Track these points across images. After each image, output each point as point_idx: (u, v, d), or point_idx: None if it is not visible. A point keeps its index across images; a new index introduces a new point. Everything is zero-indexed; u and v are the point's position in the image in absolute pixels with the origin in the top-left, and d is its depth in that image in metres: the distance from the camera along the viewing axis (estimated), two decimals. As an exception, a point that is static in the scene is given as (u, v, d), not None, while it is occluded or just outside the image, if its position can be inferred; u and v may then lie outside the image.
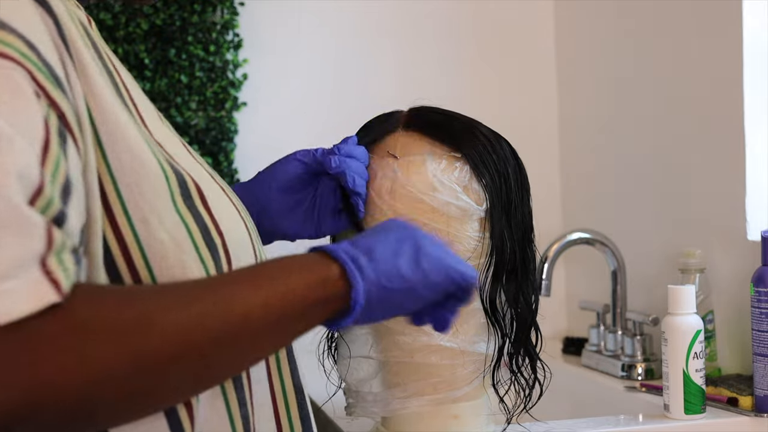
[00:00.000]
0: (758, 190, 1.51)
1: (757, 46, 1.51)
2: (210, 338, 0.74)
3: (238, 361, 0.80)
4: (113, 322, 0.71)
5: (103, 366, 0.70)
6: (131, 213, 0.80)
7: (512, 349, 1.17)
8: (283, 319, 0.78)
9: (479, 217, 1.14)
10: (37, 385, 0.68)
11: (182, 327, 0.73)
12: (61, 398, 0.69)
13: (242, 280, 0.79)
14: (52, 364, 0.68)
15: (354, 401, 1.20)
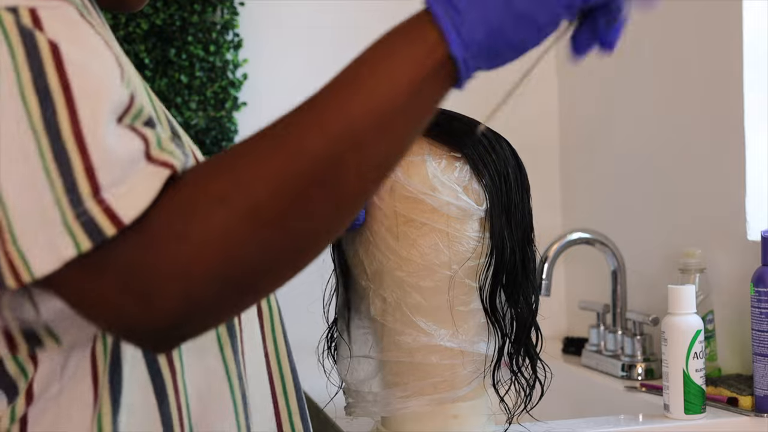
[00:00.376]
0: (758, 190, 1.51)
1: (757, 46, 1.51)
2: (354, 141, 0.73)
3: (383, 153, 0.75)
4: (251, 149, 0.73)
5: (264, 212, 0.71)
6: None
7: (512, 349, 1.17)
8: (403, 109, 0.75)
9: (479, 217, 1.14)
10: (199, 263, 0.70)
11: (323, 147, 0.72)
12: (227, 267, 0.71)
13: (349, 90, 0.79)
14: (202, 237, 0.70)
15: (354, 401, 1.20)
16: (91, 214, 0.70)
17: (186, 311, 0.72)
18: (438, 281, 1.14)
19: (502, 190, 1.15)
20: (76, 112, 0.71)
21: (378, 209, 1.14)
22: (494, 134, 1.17)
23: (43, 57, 0.72)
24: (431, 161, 1.14)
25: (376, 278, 1.16)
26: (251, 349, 0.95)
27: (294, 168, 0.71)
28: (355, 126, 0.74)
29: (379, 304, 1.16)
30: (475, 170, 1.14)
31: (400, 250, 1.13)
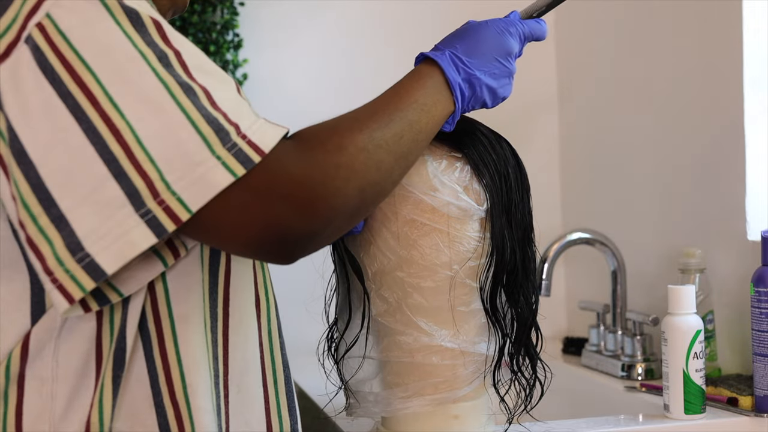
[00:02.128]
0: (758, 190, 1.51)
1: (757, 46, 1.51)
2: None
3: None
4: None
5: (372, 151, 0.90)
6: None
7: (513, 349, 1.17)
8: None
9: (480, 217, 1.14)
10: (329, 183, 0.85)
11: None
12: (347, 191, 0.86)
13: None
14: (327, 168, 0.85)
15: (355, 401, 1.20)
16: (239, 147, 0.82)
17: (337, 214, 0.86)
18: (439, 281, 1.14)
19: (503, 190, 1.15)
20: (190, 73, 0.84)
21: (379, 209, 1.14)
22: (494, 134, 1.17)
23: (149, 27, 0.83)
24: (432, 161, 1.14)
25: (376, 278, 1.16)
26: (246, 339, 0.97)
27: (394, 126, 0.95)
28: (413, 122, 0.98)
29: (379, 304, 1.16)
30: (476, 170, 1.14)
31: (401, 250, 1.13)
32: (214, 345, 0.94)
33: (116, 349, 0.89)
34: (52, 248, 0.81)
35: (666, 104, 1.72)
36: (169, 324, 0.91)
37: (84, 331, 0.88)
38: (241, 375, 0.97)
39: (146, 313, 0.90)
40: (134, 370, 0.90)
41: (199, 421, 0.91)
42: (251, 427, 0.97)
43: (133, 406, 0.90)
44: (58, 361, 0.88)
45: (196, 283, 0.93)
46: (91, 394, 0.88)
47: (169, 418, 0.91)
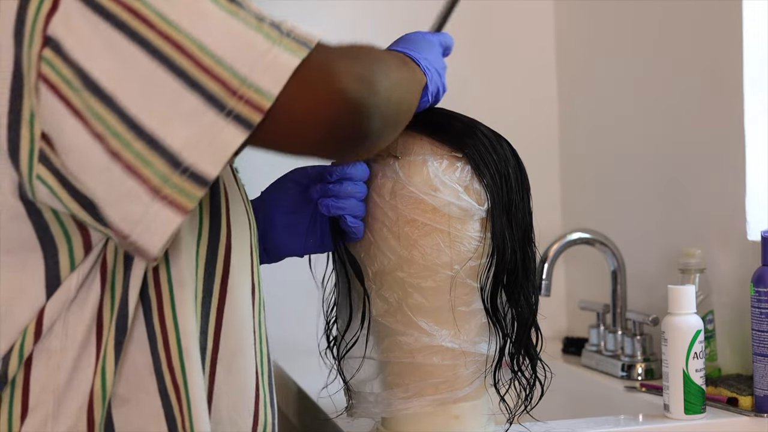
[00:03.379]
0: (758, 190, 1.51)
1: (757, 46, 1.51)
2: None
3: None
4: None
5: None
6: None
7: (513, 349, 1.17)
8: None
9: (480, 217, 1.14)
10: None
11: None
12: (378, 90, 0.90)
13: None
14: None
15: (355, 402, 1.20)
16: (293, 34, 0.87)
17: (382, 100, 0.91)
18: (439, 281, 1.14)
19: (503, 190, 1.15)
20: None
21: (379, 209, 1.14)
22: (495, 134, 1.18)
23: None
24: (432, 161, 1.14)
25: (377, 279, 1.16)
26: (242, 323, 0.98)
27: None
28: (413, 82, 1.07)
29: (380, 304, 1.16)
30: (476, 170, 1.14)
31: (401, 250, 1.13)
32: (204, 319, 0.95)
33: (119, 316, 0.90)
34: (153, 169, 0.84)
35: (666, 104, 1.72)
36: (168, 289, 0.92)
37: (90, 300, 0.90)
38: (233, 357, 0.97)
39: (147, 278, 0.92)
40: (135, 336, 0.92)
41: (193, 385, 0.92)
42: (239, 412, 0.98)
43: (134, 372, 0.92)
44: (66, 333, 0.90)
45: (192, 251, 0.94)
46: (93, 362, 0.90)
47: (167, 384, 0.92)
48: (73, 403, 0.89)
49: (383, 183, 1.14)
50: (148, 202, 0.84)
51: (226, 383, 0.97)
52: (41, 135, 0.86)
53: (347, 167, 1.12)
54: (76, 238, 0.90)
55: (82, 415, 0.89)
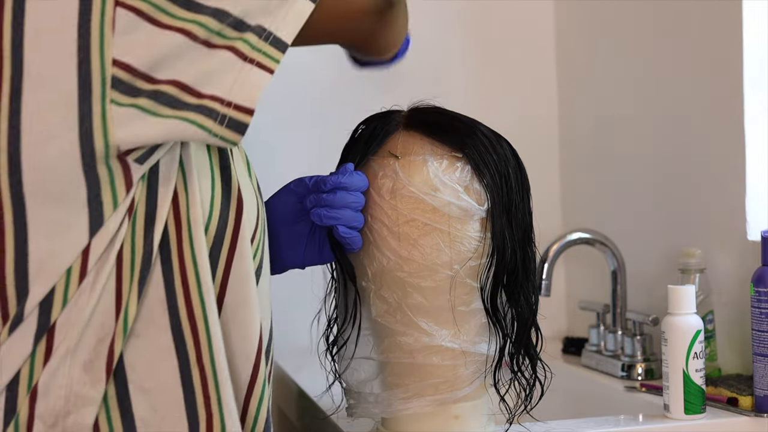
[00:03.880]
0: (758, 190, 1.51)
1: (757, 46, 1.51)
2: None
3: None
4: None
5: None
6: None
7: (513, 349, 1.17)
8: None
9: (480, 217, 1.14)
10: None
11: None
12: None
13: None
14: None
15: (355, 402, 1.20)
16: None
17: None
18: (439, 281, 1.14)
19: (503, 190, 1.15)
20: None
21: (380, 209, 1.14)
22: (495, 134, 1.18)
23: None
24: (432, 161, 1.14)
25: (376, 279, 1.16)
26: (247, 274, 0.99)
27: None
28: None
29: (379, 305, 1.16)
30: (476, 170, 1.14)
31: (401, 250, 1.13)
32: (213, 266, 0.97)
33: (144, 254, 0.93)
34: (247, 43, 0.93)
35: (666, 104, 1.72)
36: (187, 227, 0.95)
37: (119, 239, 0.92)
38: (238, 306, 0.98)
39: (167, 216, 0.94)
40: (152, 272, 0.94)
41: (213, 323, 0.95)
42: (240, 359, 0.99)
43: (147, 308, 0.94)
44: (97, 271, 0.91)
45: (207, 196, 0.97)
46: (113, 298, 0.92)
47: (182, 319, 0.94)
48: (91, 338, 0.91)
49: (383, 183, 1.15)
50: (240, 67, 0.92)
51: (230, 330, 0.98)
52: (113, 62, 0.89)
53: (342, 176, 1.12)
54: (118, 175, 0.91)
55: (101, 349, 0.91)
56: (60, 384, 0.91)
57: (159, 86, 0.90)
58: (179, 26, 0.90)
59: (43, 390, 0.90)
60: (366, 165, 1.16)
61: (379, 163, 1.16)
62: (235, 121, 0.92)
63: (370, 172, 1.15)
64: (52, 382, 0.90)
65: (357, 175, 1.13)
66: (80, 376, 0.91)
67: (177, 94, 0.90)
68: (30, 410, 0.90)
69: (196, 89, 0.91)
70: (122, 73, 0.89)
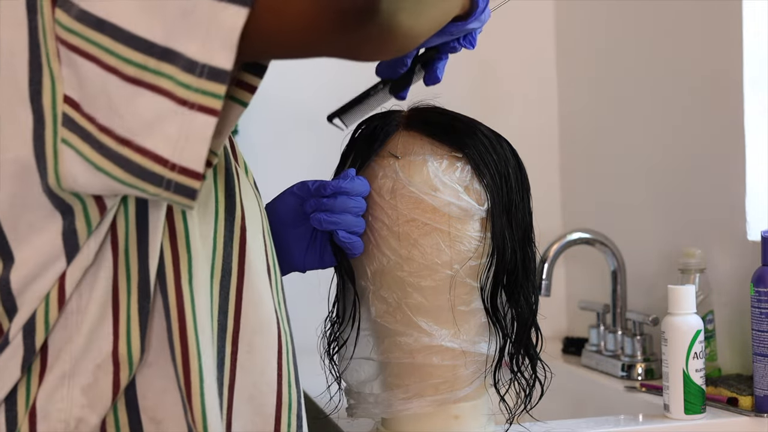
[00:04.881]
0: (758, 190, 1.51)
1: (757, 46, 1.51)
2: None
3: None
4: None
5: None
6: None
7: (513, 349, 1.17)
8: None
9: (480, 217, 1.14)
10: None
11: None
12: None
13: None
14: None
15: (355, 402, 1.20)
16: None
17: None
18: (439, 281, 1.14)
19: (503, 190, 1.15)
20: None
21: (380, 209, 1.14)
22: (495, 134, 1.18)
23: None
24: (432, 161, 1.14)
25: (376, 278, 1.16)
26: (260, 299, 0.98)
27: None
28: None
29: (379, 305, 1.16)
30: (476, 170, 1.14)
31: (401, 249, 1.14)
32: (224, 298, 0.96)
33: (140, 281, 0.91)
34: (174, 80, 0.81)
35: (666, 104, 1.72)
36: (186, 264, 0.92)
37: (105, 264, 0.90)
38: (253, 334, 0.97)
39: (164, 252, 0.92)
40: (155, 304, 0.92)
41: (207, 358, 0.92)
42: (260, 390, 0.97)
43: (156, 337, 0.92)
44: (81, 295, 0.90)
45: (210, 230, 0.95)
46: (111, 325, 0.90)
47: (176, 354, 0.91)
48: (89, 363, 0.90)
49: (383, 183, 1.15)
50: (181, 113, 0.82)
51: (247, 361, 0.97)
52: (63, 98, 0.85)
53: (343, 181, 1.12)
54: (89, 200, 0.89)
55: (101, 375, 0.90)
56: (59, 408, 0.90)
57: (97, 129, 0.84)
58: (106, 60, 0.83)
59: (42, 413, 0.90)
60: (366, 165, 1.16)
61: (379, 163, 1.16)
62: (182, 187, 0.83)
63: (370, 173, 1.15)
64: (51, 406, 0.90)
65: (358, 180, 1.13)
66: (80, 400, 0.90)
67: (112, 145, 0.83)
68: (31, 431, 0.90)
69: (134, 141, 0.83)
70: (69, 110, 0.85)
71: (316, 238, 1.15)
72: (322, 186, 1.13)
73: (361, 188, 1.13)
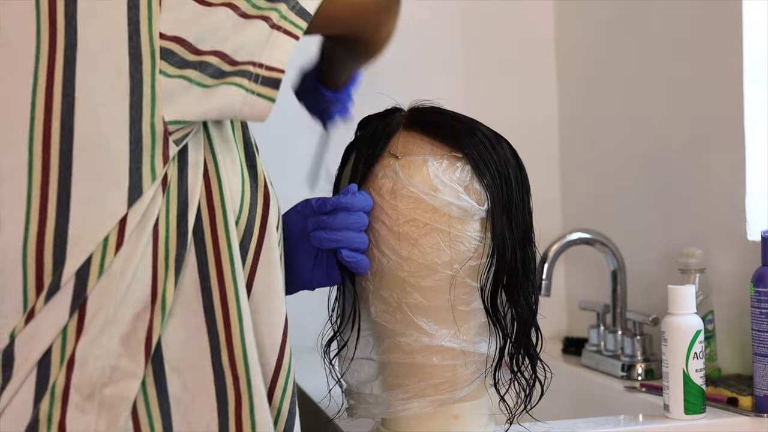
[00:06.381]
0: (758, 190, 1.52)
1: (757, 46, 1.51)
2: None
3: None
4: None
5: None
6: None
7: (513, 349, 1.17)
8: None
9: (480, 218, 1.14)
10: None
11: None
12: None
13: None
14: None
15: (355, 402, 1.20)
16: None
17: None
18: (439, 281, 1.14)
19: (503, 190, 1.15)
20: None
21: (380, 209, 1.14)
22: (495, 134, 1.18)
23: None
24: (432, 161, 1.14)
25: (376, 278, 1.16)
26: (275, 263, 1.03)
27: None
28: None
29: (379, 305, 1.16)
30: (477, 170, 1.14)
31: (401, 249, 1.13)
32: (242, 257, 1.00)
33: (179, 233, 0.96)
34: (278, 12, 0.99)
35: (666, 104, 1.72)
36: (222, 214, 0.98)
37: (154, 212, 0.95)
38: (263, 295, 1.02)
39: (201, 203, 0.98)
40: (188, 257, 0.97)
41: (244, 307, 0.98)
42: (262, 351, 1.02)
43: (181, 289, 0.97)
44: (131, 240, 0.94)
45: (238, 189, 1.01)
46: (150, 272, 0.94)
47: (215, 301, 0.97)
48: (128, 311, 0.94)
49: (383, 183, 1.14)
50: (270, 32, 0.98)
51: (255, 320, 1.01)
52: (160, 35, 0.94)
53: (343, 197, 1.12)
54: (158, 148, 0.94)
55: (138, 324, 0.94)
56: (96, 355, 0.93)
57: (203, 57, 0.95)
58: (222, 1, 0.96)
59: (81, 360, 0.92)
60: (370, 167, 1.16)
61: (379, 163, 1.15)
62: (268, 79, 0.98)
63: (370, 173, 1.15)
64: (89, 353, 0.92)
65: (360, 195, 1.13)
66: (118, 349, 0.93)
67: (219, 64, 0.96)
68: (66, 380, 0.92)
69: (234, 58, 0.97)
70: (171, 44, 0.94)
71: (322, 255, 1.15)
72: (323, 203, 1.13)
73: (362, 203, 1.13)
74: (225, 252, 0.98)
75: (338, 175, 1.21)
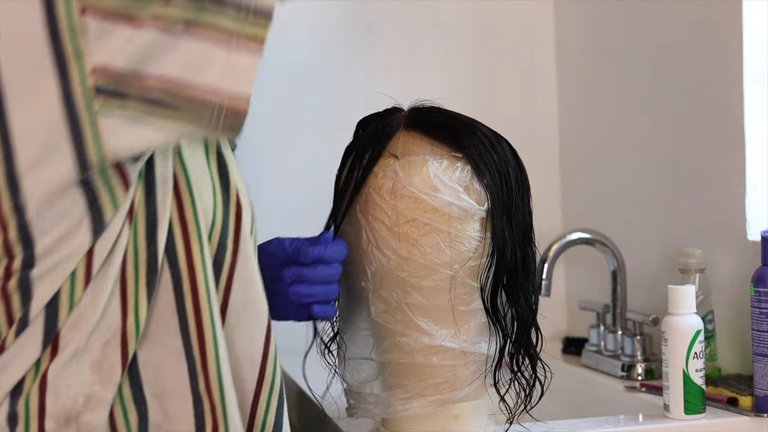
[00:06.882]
0: (758, 190, 1.51)
1: (757, 45, 1.51)
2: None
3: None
4: None
5: None
6: None
7: (513, 349, 1.17)
8: None
9: (480, 218, 1.14)
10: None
11: None
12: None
13: None
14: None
15: (355, 402, 1.20)
16: None
17: None
18: (439, 281, 1.14)
19: (503, 190, 1.15)
20: None
21: (379, 209, 1.14)
22: (495, 134, 1.18)
23: None
24: (432, 161, 1.14)
25: (376, 278, 1.16)
26: (251, 277, 0.98)
27: None
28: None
29: (379, 305, 1.16)
30: (476, 170, 1.14)
31: (401, 249, 1.14)
32: (216, 272, 0.96)
33: (149, 256, 0.92)
34: (227, 19, 0.87)
35: (666, 104, 1.72)
36: (195, 232, 0.94)
37: (122, 241, 0.91)
38: (242, 308, 0.98)
39: (173, 221, 0.93)
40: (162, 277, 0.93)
41: (218, 331, 0.94)
42: (240, 367, 0.98)
43: (157, 311, 0.93)
44: (104, 274, 0.91)
45: (210, 202, 0.96)
46: (119, 300, 0.91)
47: (189, 324, 0.93)
48: (97, 341, 0.91)
49: (383, 183, 1.15)
50: (226, 49, 0.87)
51: (233, 334, 0.97)
52: (92, 70, 0.85)
53: (323, 247, 1.12)
54: (114, 177, 0.89)
55: (109, 352, 0.91)
56: (68, 384, 0.90)
57: (146, 85, 0.86)
58: (155, 16, 0.85)
59: (53, 388, 0.90)
60: (370, 166, 1.16)
61: (379, 163, 1.15)
62: (233, 111, 0.88)
63: (370, 172, 1.15)
64: (60, 382, 0.90)
65: (335, 244, 1.13)
66: (89, 377, 0.91)
67: (167, 91, 0.86)
68: (40, 408, 0.90)
69: (186, 82, 0.86)
70: (105, 78, 0.86)
71: (290, 301, 1.15)
72: (302, 253, 1.12)
73: (339, 254, 1.13)
74: (200, 272, 0.94)
75: (338, 175, 1.21)
